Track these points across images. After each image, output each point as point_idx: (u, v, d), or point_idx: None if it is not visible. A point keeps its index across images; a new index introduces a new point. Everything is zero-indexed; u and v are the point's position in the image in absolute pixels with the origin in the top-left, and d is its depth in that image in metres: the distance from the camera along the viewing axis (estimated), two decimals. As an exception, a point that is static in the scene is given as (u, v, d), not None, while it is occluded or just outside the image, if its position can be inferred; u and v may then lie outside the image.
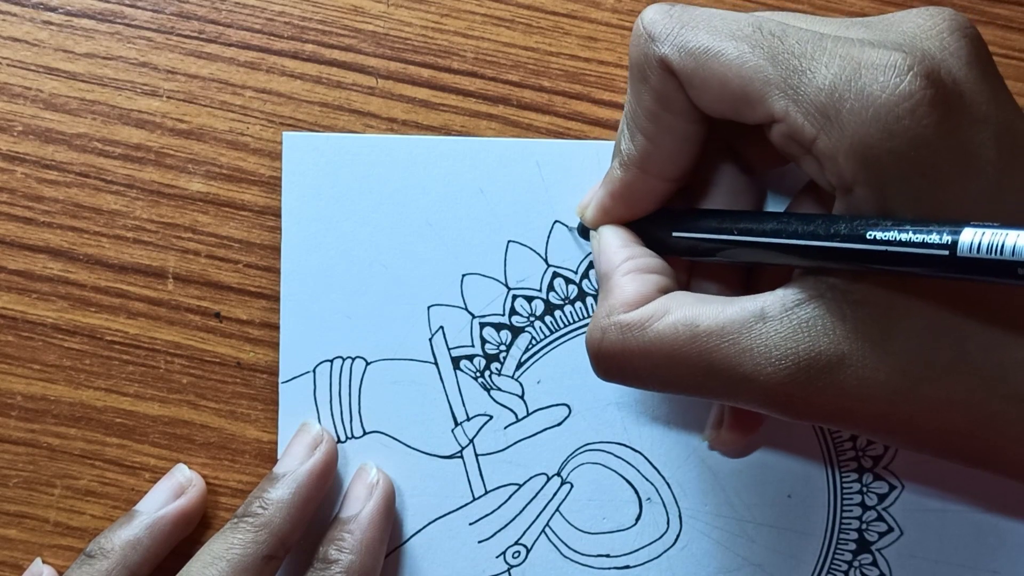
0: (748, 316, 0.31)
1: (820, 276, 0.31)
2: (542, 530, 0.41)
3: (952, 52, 0.30)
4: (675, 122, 0.34)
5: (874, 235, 0.28)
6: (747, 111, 0.32)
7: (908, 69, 0.29)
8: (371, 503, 0.39)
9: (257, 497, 0.38)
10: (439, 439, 0.41)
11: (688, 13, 0.33)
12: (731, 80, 0.31)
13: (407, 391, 0.41)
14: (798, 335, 0.31)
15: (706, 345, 0.32)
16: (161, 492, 0.40)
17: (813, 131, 0.30)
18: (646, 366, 0.33)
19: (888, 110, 0.29)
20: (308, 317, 0.41)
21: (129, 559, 0.38)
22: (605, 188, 0.37)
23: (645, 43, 0.33)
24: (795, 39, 0.31)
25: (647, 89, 0.34)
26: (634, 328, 0.33)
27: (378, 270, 0.41)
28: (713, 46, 0.32)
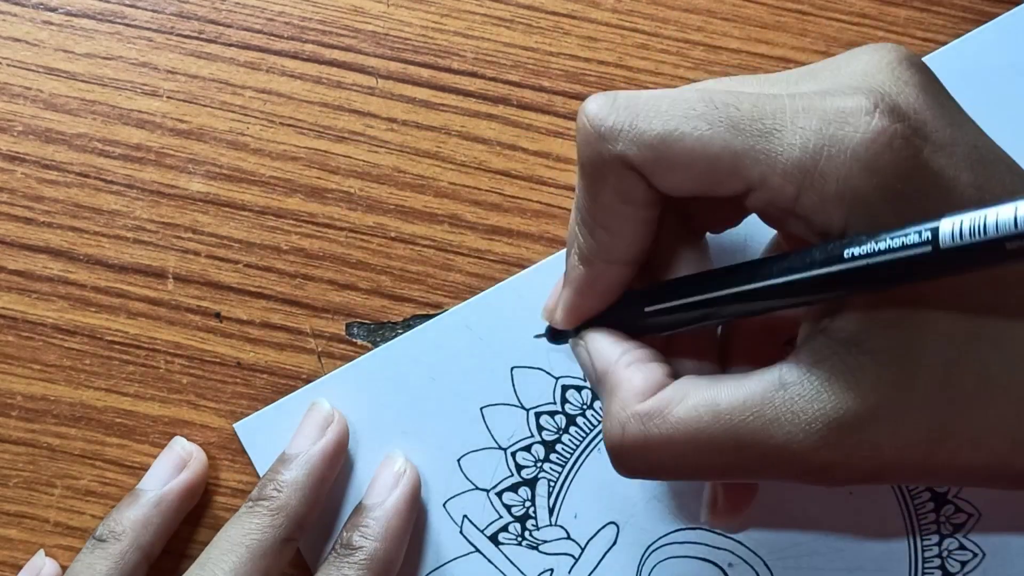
0: (768, 387, 0.31)
1: (828, 333, 0.30)
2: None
3: (906, 82, 0.30)
4: (635, 212, 0.33)
5: (851, 252, 0.28)
6: (718, 187, 0.31)
7: (874, 107, 0.29)
8: (397, 491, 0.39)
9: (271, 480, 0.38)
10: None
11: (634, 102, 0.32)
12: (697, 161, 0.31)
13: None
14: (823, 396, 0.30)
15: (731, 422, 0.31)
16: (163, 467, 0.40)
17: (794, 189, 0.29)
18: (672, 455, 0.32)
19: (866, 149, 0.29)
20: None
21: (141, 539, 0.38)
22: (570, 286, 0.36)
23: (597, 142, 0.32)
24: (750, 104, 0.30)
25: (604, 187, 0.32)
26: (654, 416, 0.32)
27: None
28: (670, 131, 0.31)
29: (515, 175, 0.43)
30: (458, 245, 0.42)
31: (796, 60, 0.43)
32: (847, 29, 0.43)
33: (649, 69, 0.43)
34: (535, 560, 0.41)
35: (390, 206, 0.42)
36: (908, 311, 0.29)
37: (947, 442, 0.30)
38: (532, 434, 0.41)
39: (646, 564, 0.41)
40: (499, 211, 0.42)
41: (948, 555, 0.40)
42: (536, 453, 0.41)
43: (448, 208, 0.42)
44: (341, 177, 0.42)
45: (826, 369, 0.30)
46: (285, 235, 0.42)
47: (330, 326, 0.42)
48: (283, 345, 0.42)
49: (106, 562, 0.38)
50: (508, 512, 0.41)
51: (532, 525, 0.41)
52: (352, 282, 0.42)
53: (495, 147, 0.43)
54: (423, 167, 0.43)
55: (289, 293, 0.42)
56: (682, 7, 0.43)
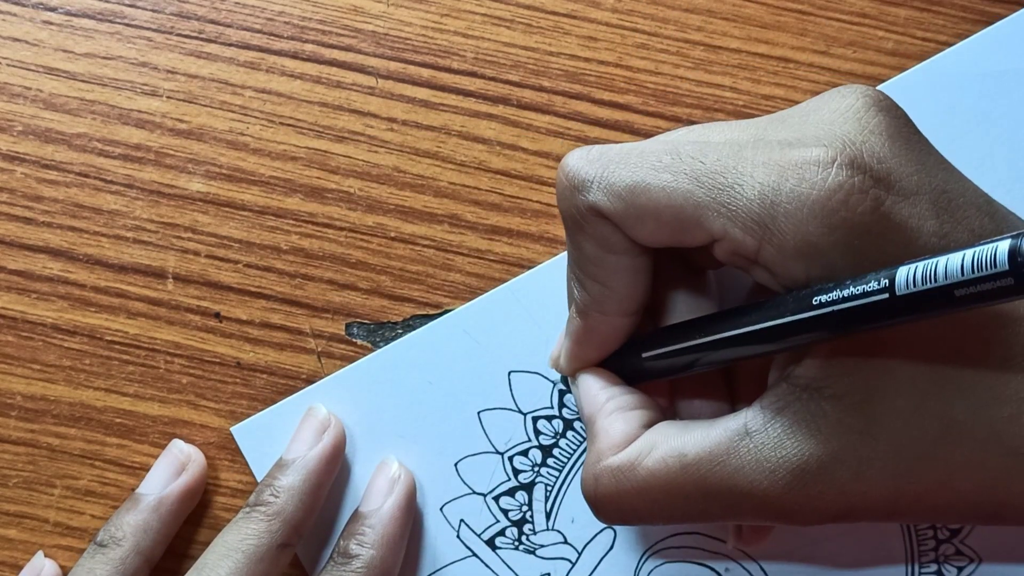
0: (732, 435, 0.31)
1: (791, 380, 0.31)
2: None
3: (872, 130, 0.30)
4: (621, 261, 0.33)
5: (819, 299, 0.28)
6: (685, 237, 0.32)
7: (832, 161, 0.29)
8: (392, 498, 0.39)
9: (268, 485, 0.38)
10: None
11: (606, 155, 0.33)
12: (662, 212, 0.31)
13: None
14: (785, 443, 0.30)
15: (698, 472, 0.32)
16: (162, 471, 0.40)
17: (755, 242, 0.30)
18: (644, 504, 0.33)
19: (821, 205, 0.29)
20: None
21: (141, 544, 0.38)
22: (570, 337, 0.37)
23: (572, 194, 0.33)
24: (715, 156, 0.31)
25: (585, 238, 0.33)
26: (625, 470, 0.33)
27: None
28: (637, 182, 0.31)
29: (515, 175, 0.43)
30: (458, 245, 0.42)
31: (796, 60, 0.43)
32: (847, 29, 0.43)
33: (649, 69, 0.43)
34: (532, 564, 0.41)
35: (390, 206, 0.42)
36: (870, 359, 0.30)
37: (912, 485, 0.30)
38: (529, 438, 0.41)
39: (643, 569, 0.41)
40: (499, 211, 0.42)
41: (945, 560, 0.40)
42: (533, 457, 0.41)
43: (448, 208, 0.42)
44: (341, 177, 0.42)
45: (789, 416, 0.30)
46: (285, 235, 0.42)
47: (330, 326, 0.42)
48: (283, 345, 0.42)
49: (107, 567, 0.38)
50: (505, 516, 0.41)
51: (529, 529, 0.41)
52: (352, 282, 0.42)
53: (495, 147, 0.43)
54: (423, 167, 0.43)
55: (289, 293, 0.42)
56: (682, 7, 0.43)
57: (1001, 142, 0.32)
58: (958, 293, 0.26)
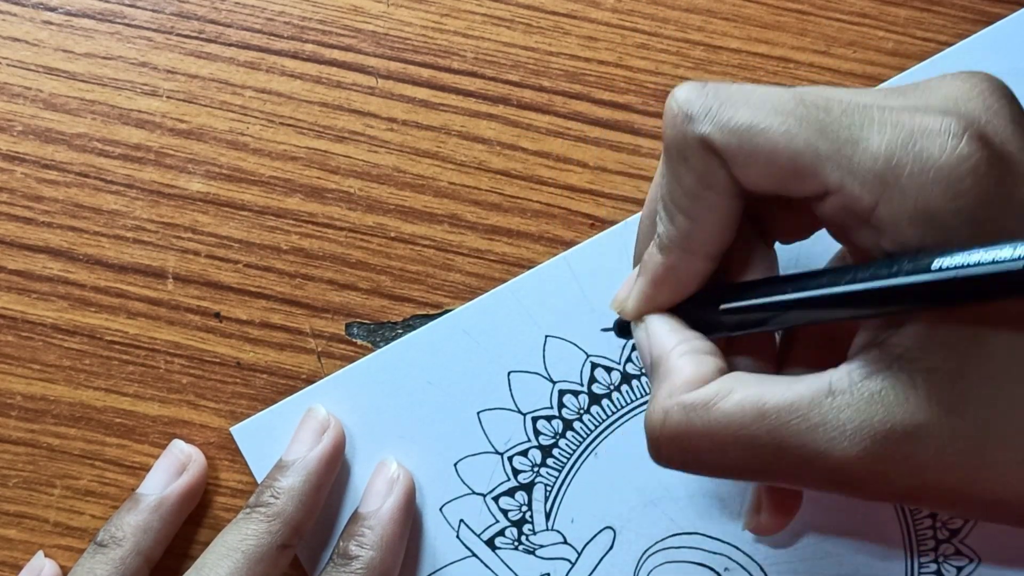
0: (817, 392, 0.30)
1: (885, 347, 0.30)
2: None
3: (996, 112, 0.30)
4: (718, 200, 0.32)
5: (940, 263, 0.28)
6: (797, 186, 0.31)
7: (963, 131, 0.29)
8: (391, 499, 0.39)
9: (268, 486, 0.38)
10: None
11: (725, 90, 0.32)
12: (780, 156, 0.30)
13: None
14: (871, 407, 0.30)
15: (775, 423, 0.30)
16: (162, 471, 0.40)
17: (872, 200, 0.29)
18: (711, 448, 0.31)
19: (949, 171, 0.28)
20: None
21: (142, 544, 0.38)
22: (646, 276, 0.35)
23: (683, 123, 0.32)
24: (840, 110, 0.30)
25: (687, 169, 0.32)
26: (698, 407, 0.32)
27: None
28: (757, 122, 0.31)
29: (515, 175, 0.43)
30: (458, 245, 0.42)
31: (796, 60, 0.43)
32: (847, 29, 0.43)
33: (649, 69, 0.43)
34: (532, 565, 0.41)
35: (390, 206, 0.42)
36: (970, 335, 0.29)
37: (987, 471, 0.29)
38: (529, 439, 0.41)
39: (643, 568, 0.41)
40: (499, 211, 0.42)
41: (944, 560, 0.40)
42: (533, 458, 0.41)
43: (448, 208, 0.42)
44: (341, 177, 0.42)
45: (878, 381, 0.30)
46: (285, 235, 0.42)
47: (330, 326, 0.42)
48: (283, 345, 0.42)
49: (107, 567, 0.38)
50: (505, 517, 0.41)
51: (529, 530, 0.41)
52: (352, 282, 0.42)
53: (495, 147, 0.43)
54: (423, 167, 0.43)
55: (289, 293, 0.42)
56: (682, 7, 0.43)
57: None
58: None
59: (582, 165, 0.43)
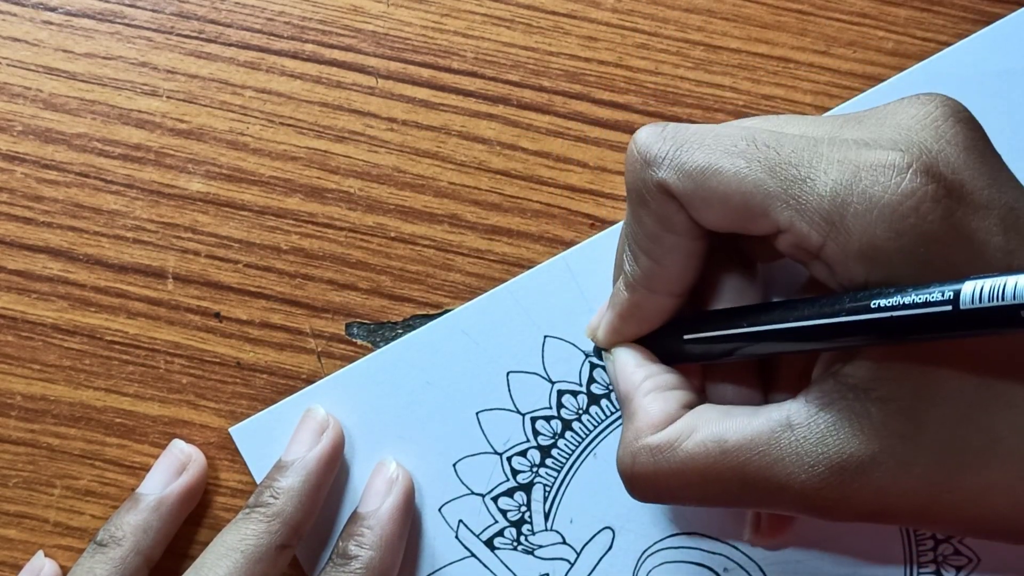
0: (775, 426, 0.31)
1: (840, 377, 0.31)
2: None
3: (948, 140, 0.30)
4: (678, 241, 0.33)
5: (878, 303, 0.28)
6: (751, 225, 0.32)
7: (907, 167, 0.29)
8: (391, 499, 0.39)
9: (267, 487, 0.38)
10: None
11: (681, 133, 0.33)
12: (732, 197, 0.31)
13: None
14: (827, 439, 0.30)
15: (737, 460, 0.32)
16: (162, 471, 0.40)
17: (820, 238, 0.30)
18: (680, 485, 0.33)
19: (892, 210, 0.29)
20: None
21: (141, 544, 0.38)
22: (613, 310, 0.37)
23: (642, 168, 0.33)
24: (791, 148, 0.31)
25: (647, 213, 0.33)
26: (664, 450, 0.33)
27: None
28: (710, 165, 0.31)
29: (515, 175, 0.43)
30: (458, 245, 0.42)
31: (796, 60, 0.43)
32: (847, 29, 0.43)
33: (649, 69, 0.43)
34: (531, 565, 0.41)
35: (390, 206, 0.42)
36: (921, 365, 0.30)
37: (948, 495, 0.30)
38: (528, 439, 0.41)
39: (642, 569, 0.41)
40: (499, 211, 0.42)
41: (943, 560, 0.40)
42: (532, 458, 0.41)
43: (448, 208, 0.42)
44: (341, 177, 0.42)
45: (833, 413, 0.30)
46: (285, 235, 0.42)
47: (330, 326, 0.42)
48: (283, 345, 0.42)
49: (106, 567, 0.38)
50: (504, 517, 0.41)
51: (528, 530, 0.41)
52: (352, 282, 0.42)
53: (495, 147, 0.43)
54: (423, 167, 0.43)
55: (289, 293, 0.42)
56: (682, 7, 0.43)
57: (1001, 141, 0.32)
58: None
59: (582, 165, 0.43)
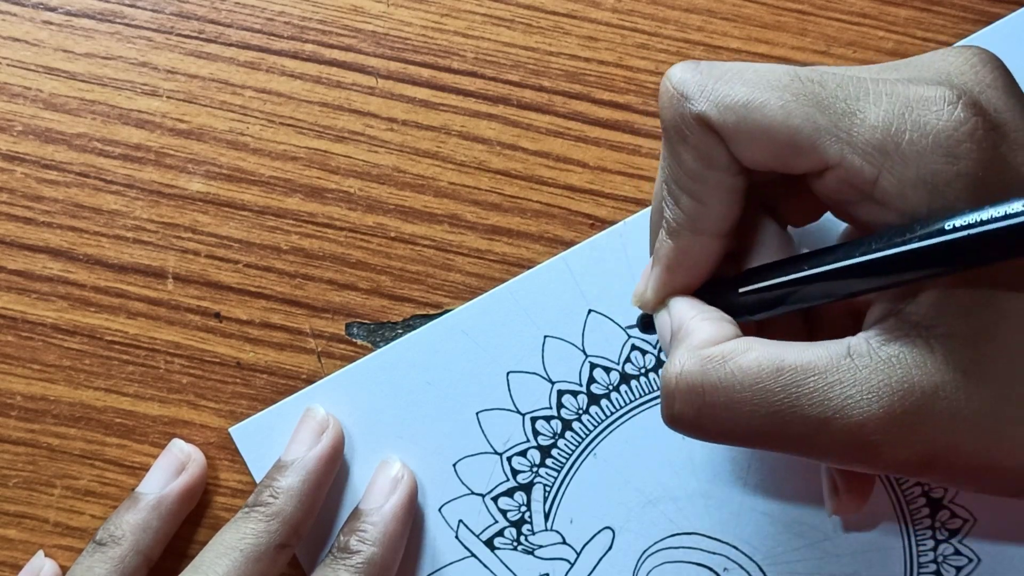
0: (835, 353, 0.30)
1: (901, 316, 0.30)
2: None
3: (989, 84, 0.30)
4: (721, 178, 0.33)
5: (953, 224, 0.28)
6: (796, 161, 0.31)
7: (957, 99, 0.29)
8: (395, 497, 0.39)
9: (267, 486, 0.38)
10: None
11: (719, 68, 0.32)
12: (777, 131, 0.30)
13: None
14: (890, 369, 0.29)
15: (792, 379, 0.30)
16: (162, 470, 0.40)
17: (873, 170, 0.29)
18: (726, 403, 0.31)
19: (947, 136, 0.29)
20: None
21: (141, 543, 0.38)
22: (659, 263, 0.35)
23: (679, 102, 0.32)
24: (835, 83, 0.30)
25: (687, 149, 0.32)
26: (715, 360, 0.31)
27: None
28: (754, 98, 0.31)
29: (515, 175, 0.43)
30: (458, 245, 0.42)
31: (796, 60, 0.43)
32: (847, 29, 0.43)
33: (649, 69, 0.43)
34: (531, 565, 0.41)
35: (390, 206, 0.42)
36: (985, 299, 0.29)
37: (1005, 439, 0.29)
38: (528, 439, 0.41)
39: (642, 569, 0.41)
40: (499, 211, 0.42)
41: (943, 560, 0.40)
42: (532, 458, 0.41)
43: (448, 208, 0.42)
44: (341, 177, 0.42)
45: (896, 346, 0.30)
46: (285, 235, 0.42)
47: (330, 326, 0.42)
48: (283, 345, 0.42)
49: (106, 566, 0.38)
50: (504, 517, 0.41)
51: (528, 530, 0.41)
52: (352, 282, 0.42)
53: (495, 147, 0.43)
54: (423, 167, 0.43)
55: (289, 293, 0.42)
56: (682, 7, 0.43)
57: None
58: None
59: (582, 165, 0.43)
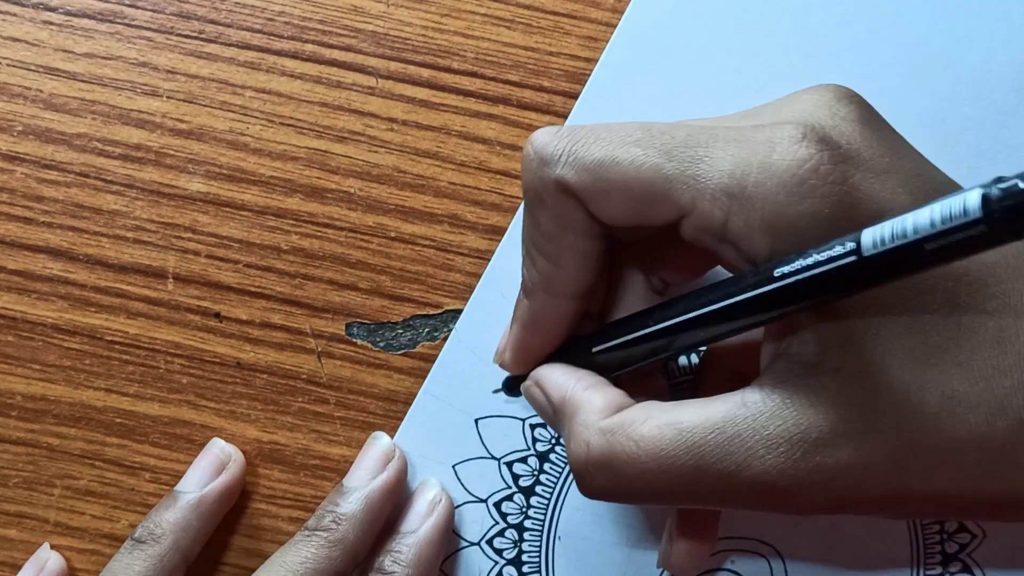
0: (731, 408, 0.30)
1: (788, 356, 0.30)
2: None
3: (843, 117, 0.30)
4: (576, 241, 0.33)
5: (781, 270, 0.28)
6: (653, 212, 0.31)
7: (803, 136, 0.29)
8: (431, 520, 0.39)
9: (329, 511, 0.38)
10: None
11: (578, 132, 0.33)
12: (631, 185, 0.31)
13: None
14: (783, 414, 0.30)
15: (693, 441, 0.30)
16: (201, 470, 0.40)
17: (723, 214, 0.30)
18: (636, 473, 0.31)
19: (791, 175, 0.29)
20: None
21: (181, 542, 0.38)
22: (517, 322, 0.36)
23: (539, 168, 0.33)
24: (685, 133, 0.31)
25: (544, 212, 0.33)
26: (617, 432, 0.31)
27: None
28: (607, 156, 0.31)
29: (515, 175, 0.43)
30: (458, 245, 0.42)
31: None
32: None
33: (649, 69, 0.43)
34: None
35: (390, 206, 0.42)
36: (865, 329, 0.29)
37: (914, 463, 0.29)
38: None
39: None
40: (499, 211, 0.42)
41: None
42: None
43: (448, 208, 0.42)
44: (341, 177, 0.42)
45: (788, 389, 0.30)
46: (285, 235, 0.42)
47: (330, 326, 0.42)
48: (283, 345, 0.42)
49: (144, 563, 0.38)
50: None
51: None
52: (352, 282, 0.42)
53: (495, 147, 0.43)
54: (423, 167, 0.43)
55: (289, 293, 0.42)
56: (682, 7, 0.43)
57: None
58: (928, 247, 0.25)
59: (582, 165, 0.43)
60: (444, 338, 0.42)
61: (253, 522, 0.41)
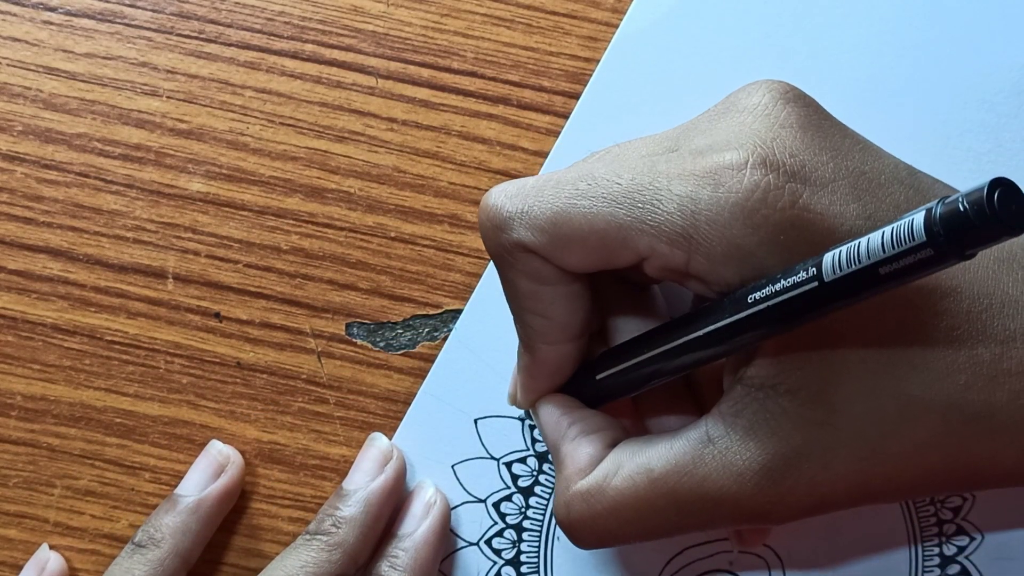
0: (695, 444, 0.31)
1: (745, 381, 0.31)
2: None
3: (782, 124, 0.31)
4: (556, 291, 0.33)
5: (753, 297, 0.29)
6: (615, 259, 0.32)
7: (744, 163, 0.29)
8: (427, 522, 0.39)
9: (329, 515, 0.38)
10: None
11: (524, 190, 0.33)
12: (587, 238, 0.31)
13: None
14: (748, 445, 0.30)
15: (666, 485, 0.31)
16: (200, 472, 0.40)
17: (683, 255, 0.30)
18: (618, 524, 0.33)
19: (741, 207, 0.29)
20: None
21: (180, 545, 0.38)
22: (522, 373, 0.37)
23: (495, 233, 0.33)
24: (630, 175, 0.31)
25: (516, 274, 0.33)
26: (594, 492, 0.33)
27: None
28: (558, 212, 0.32)
29: (515, 175, 0.43)
30: (458, 245, 0.42)
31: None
32: (848, 29, 0.43)
33: (649, 69, 0.43)
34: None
35: (390, 206, 0.42)
36: (820, 349, 0.30)
37: (880, 466, 0.30)
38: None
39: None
40: (499, 211, 0.42)
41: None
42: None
43: (448, 208, 0.42)
44: (341, 177, 0.42)
45: (748, 417, 0.30)
46: (285, 235, 0.42)
47: (330, 326, 0.42)
48: (283, 345, 0.42)
49: (144, 568, 0.38)
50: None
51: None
52: (352, 282, 0.42)
53: (495, 147, 0.43)
54: (423, 167, 0.43)
55: (289, 293, 0.42)
56: (683, 7, 0.43)
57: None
58: (883, 271, 0.26)
59: (582, 165, 0.43)
60: (444, 338, 0.42)
61: (253, 522, 0.41)
